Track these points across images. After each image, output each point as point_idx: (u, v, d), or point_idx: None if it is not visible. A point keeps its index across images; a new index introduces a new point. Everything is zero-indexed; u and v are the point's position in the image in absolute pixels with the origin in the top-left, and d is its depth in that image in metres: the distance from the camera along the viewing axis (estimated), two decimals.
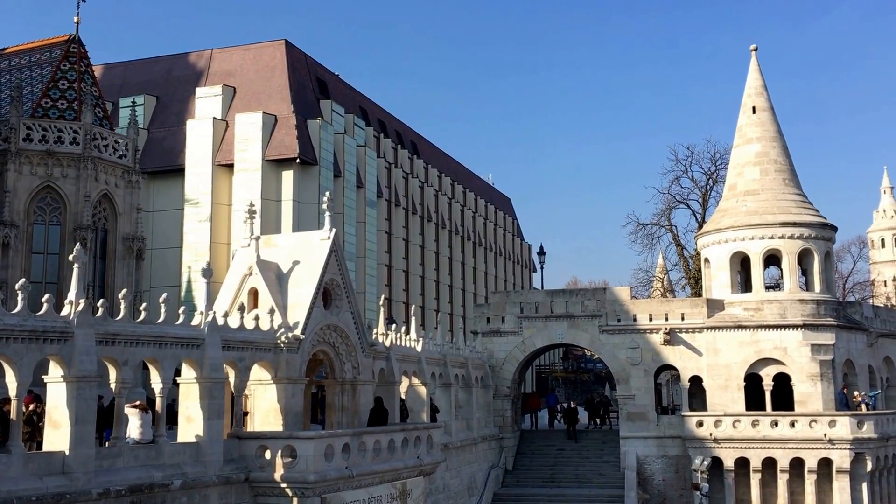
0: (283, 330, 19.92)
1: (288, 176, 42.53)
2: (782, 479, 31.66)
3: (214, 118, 43.98)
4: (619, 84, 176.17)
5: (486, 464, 32.94)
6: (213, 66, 47.78)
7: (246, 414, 20.37)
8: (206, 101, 45.04)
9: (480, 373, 33.15)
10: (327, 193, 23.36)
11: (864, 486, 31.36)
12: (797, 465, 31.56)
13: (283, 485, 18.21)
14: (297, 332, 20.11)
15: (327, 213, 22.22)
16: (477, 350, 33.99)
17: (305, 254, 21.53)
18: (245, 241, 21.39)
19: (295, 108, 43.79)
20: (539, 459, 35.42)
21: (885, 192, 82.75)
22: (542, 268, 50.62)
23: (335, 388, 22.08)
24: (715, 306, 34.23)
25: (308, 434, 19.30)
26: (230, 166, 43.07)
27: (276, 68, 46.04)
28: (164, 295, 17.38)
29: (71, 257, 16.04)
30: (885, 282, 75.65)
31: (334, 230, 21.97)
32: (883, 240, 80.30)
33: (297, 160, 42.17)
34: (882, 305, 48.79)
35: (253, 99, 44.89)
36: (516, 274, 75.27)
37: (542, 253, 49.17)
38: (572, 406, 39.03)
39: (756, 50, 37.53)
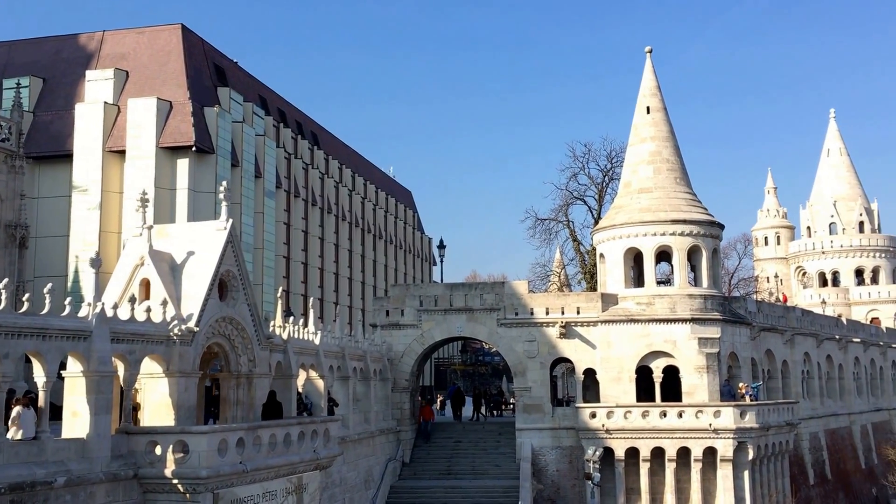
0: (176, 322, 19.39)
1: (183, 164, 41.41)
2: (670, 468, 32.76)
3: (105, 102, 42.39)
4: (519, 81, 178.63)
5: (383, 457, 32.92)
6: (105, 48, 46.01)
7: (136, 408, 19.80)
8: (97, 85, 43.37)
9: (379, 366, 33.10)
10: (224, 183, 22.83)
11: (746, 473, 32.73)
12: (684, 454, 32.70)
13: (175, 481, 17.77)
14: (191, 324, 19.61)
15: (224, 203, 21.74)
16: (376, 343, 33.90)
17: (201, 244, 20.99)
18: (137, 230, 20.70)
19: (191, 95, 42.64)
20: (436, 452, 35.62)
21: (768, 192, 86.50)
22: (441, 261, 50.94)
23: (230, 382, 21.65)
24: (609, 300, 35.10)
25: (201, 428, 18.88)
26: (122, 153, 41.61)
27: (172, 53, 44.71)
28: (49, 285, 16.65)
29: None
30: (768, 278, 79.37)
31: (231, 220, 21.51)
32: (766, 238, 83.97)
33: (193, 148, 41.11)
34: (765, 300, 51.12)
35: (147, 84, 43.48)
36: (416, 267, 75.46)
37: (442, 246, 49.40)
38: (459, 390, 39.79)
39: (651, 52, 38.65)
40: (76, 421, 17.22)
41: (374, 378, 32.16)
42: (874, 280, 70.40)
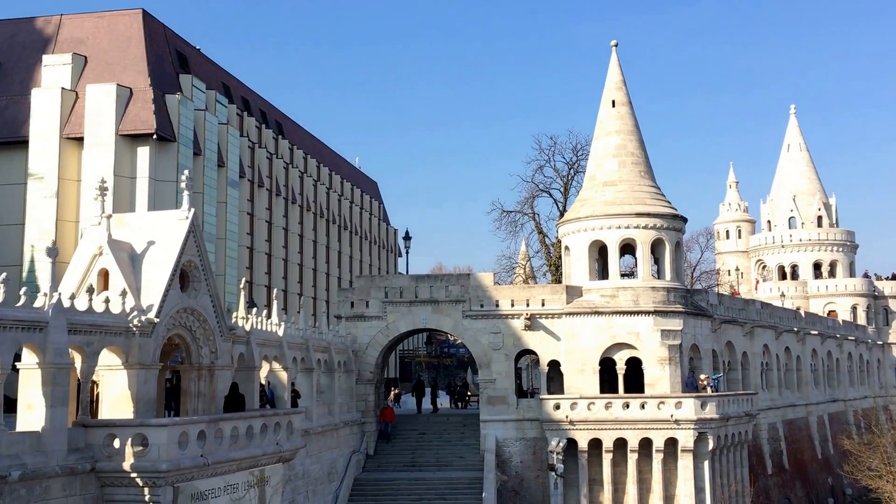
0: (135, 313, 19.04)
1: (144, 152, 40.65)
2: (632, 459, 33.00)
3: (63, 88, 41.47)
4: (486, 73, 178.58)
5: (347, 449, 32.75)
6: (63, 32, 45.00)
7: (94, 401, 19.43)
8: (54, 70, 42.42)
9: (343, 357, 32.88)
10: (186, 172, 22.43)
11: (706, 463, 33.09)
12: (646, 444, 32.95)
13: (133, 474, 17.50)
14: (151, 315, 19.29)
15: (186, 193, 21.40)
16: (340, 335, 33.66)
17: (162, 234, 20.65)
18: (95, 219, 20.31)
19: (152, 82, 41.88)
20: (400, 444, 35.52)
21: (730, 186, 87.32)
22: (407, 253, 50.68)
23: (191, 374, 21.37)
24: (574, 293, 35.21)
25: (161, 421, 18.60)
26: (80, 140, 40.75)
27: (133, 39, 43.85)
28: (4, 275, 16.23)
29: None
30: (729, 271, 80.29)
31: (193, 210, 21.20)
32: (728, 231, 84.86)
33: (154, 136, 40.38)
34: (726, 293, 51.70)
35: (106, 70, 42.61)
36: (381, 258, 75.15)
37: (407, 238, 49.17)
38: (421, 381, 39.86)
39: (616, 46, 38.73)
40: (31, 414, 16.86)
41: (339, 370, 31.95)
42: (832, 273, 71.52)
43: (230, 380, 22.26)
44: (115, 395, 19.21)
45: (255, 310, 25.48)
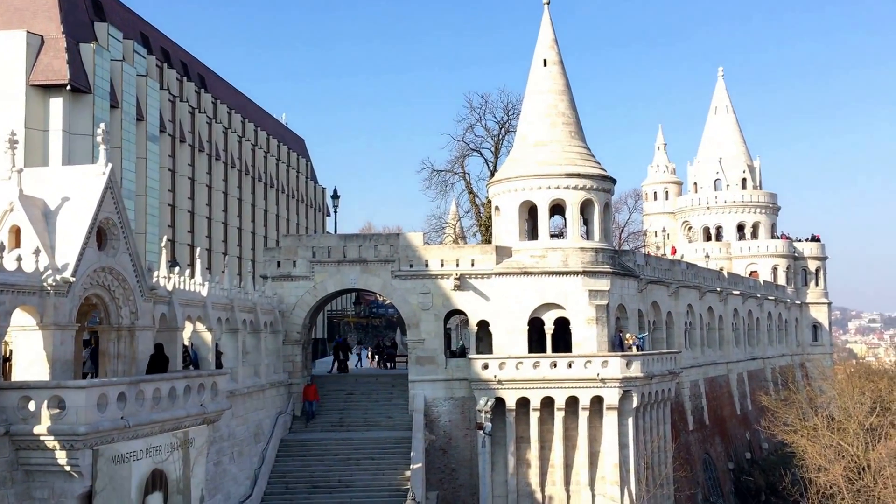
0: (49, 272, 18.25)
1: (56, 104, 38.88)
2: (559, 417, 33.44)
3: None
4: (417, 30, 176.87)
5: (274, 410, 32.35)
6: None
7: (7, 361, 18.68)
8: None
9: (270, 318, 32.32)
10: (102, 125, 21.45)
11: (630, 420, 33.79)
12: (573, 402, 33.41)
13: (50, 437, 16.93)
14: (67, 274, 18.51)
15: (103, 147, 20.47)
16: (266, 295, 33.04)
17: (77, 190, 19.78)
18: (6, 173, 19.36)
19: (65, 30, 39.91)
20: (328, 404, 35.24)
21: (658, 148, 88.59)
22: (335, 212, 49.89)
23: (111, 335, 20.71)
24: (504, 253, 35.21)
25: (78, 383, 17.99)
26: None
27: None
28: None
29: None
30: (656, 232, 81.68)
31: (111, 165, 20.36)
32: (655, 193, 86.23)
33: (68, 87, 38.60)
34: (652, 254, 52.56)
35: (15, 16, 40.44)
36: (309, 217, 74.10)
37: (335, 196, 48.40)
38: (345, 341, 39.72)
39: (549, 3, 38.44)
40: None
41: (265, 330, 31.41)
42: (754, 235, 73.31)
43: (152, 341, 21.67)
44: (30, 356, 18.55)
45: (177, 269, 24.78)
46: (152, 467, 19.38)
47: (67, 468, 17.22)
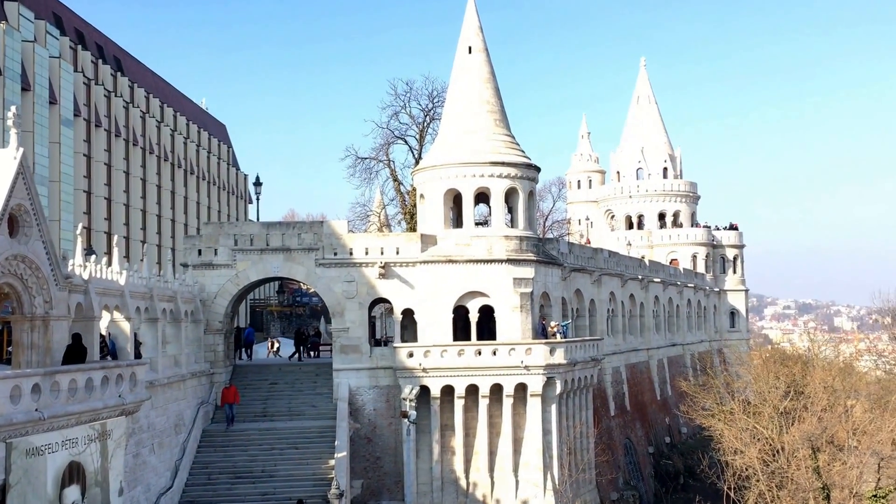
0: None
1: None
2: (483, 404, 33.69)
3: None
4: (342, 15, 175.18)
5: (195, 400, 31.77)
6: None
7: None
8: None
9: (191, 307, 31.68)
10: (13, 108, 20.67)
11: (554, 407, 34.26)
12: (497, 390, 33.68)
13: None
14: None
15: (13, 131, 19.69)
16: (187, 283, 32.36)
17: None
18: None
19: None
20: (251, 394, 34.76)
21: (582, 137, 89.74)
22: (258, 199, 49.16)
23: (24, 325, 20.02)
24: (429, 241, 35.23)
25: None
26: None
27: None
28: None
29: None
30: (580, 220, 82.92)
31: (22, 150, 19.58)
32: (579, 181, 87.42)
33: None
34: (576, 242, 53.32)
35: None
36: (231, 205, 72.89)
37: (258, 184, 47.63)
38: (300, 330, 39.65)
39: None
40: None
41: (186, 320, 30.79)
42: (675, 223, 75.02)
43: (67, 331, 21.01)
44: None
45: (93, 257, 24.06)
46: (69, 460, 18.89)
47: None
